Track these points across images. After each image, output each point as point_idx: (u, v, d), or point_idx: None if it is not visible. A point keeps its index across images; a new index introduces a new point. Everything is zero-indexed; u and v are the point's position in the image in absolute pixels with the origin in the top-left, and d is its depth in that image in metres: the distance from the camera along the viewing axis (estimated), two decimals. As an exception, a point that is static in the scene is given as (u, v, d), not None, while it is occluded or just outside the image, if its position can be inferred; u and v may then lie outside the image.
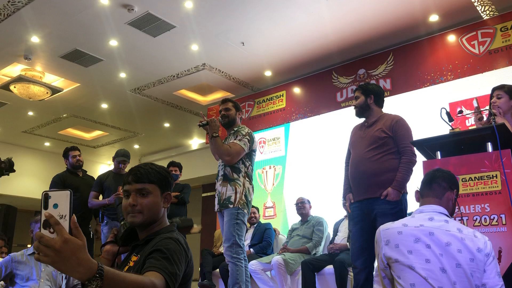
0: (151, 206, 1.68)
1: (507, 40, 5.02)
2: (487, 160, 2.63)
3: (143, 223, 1.69)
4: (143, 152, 11.03)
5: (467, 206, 2.62)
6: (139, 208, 1.67)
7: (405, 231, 1.94)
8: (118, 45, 6.08)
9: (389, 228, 1.99)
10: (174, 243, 1.58)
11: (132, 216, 1.67)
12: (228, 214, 3.53)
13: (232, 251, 3.45)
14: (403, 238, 1.93)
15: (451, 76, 5.38)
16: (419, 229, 1.93)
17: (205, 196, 10.90)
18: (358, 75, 6.23)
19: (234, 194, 3.55)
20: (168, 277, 1.44)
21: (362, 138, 3.44)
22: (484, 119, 3.15)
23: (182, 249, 1.59)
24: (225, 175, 3.64)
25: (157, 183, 1.71)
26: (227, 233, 3.49)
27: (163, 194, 1.74)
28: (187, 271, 1.60)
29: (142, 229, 1.72)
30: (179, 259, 1.54)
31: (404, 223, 2.00)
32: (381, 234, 2.00)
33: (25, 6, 5.15)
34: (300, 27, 5.67)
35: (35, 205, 10.57)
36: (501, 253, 2.44)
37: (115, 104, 8.18)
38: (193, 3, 5.16)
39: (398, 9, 5.28)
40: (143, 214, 1.67)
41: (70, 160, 5.10)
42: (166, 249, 1.53)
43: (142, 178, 1.69)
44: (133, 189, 1.69)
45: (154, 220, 1.71)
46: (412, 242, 1.90)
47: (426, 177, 2.19)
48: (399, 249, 1.90)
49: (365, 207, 3.28)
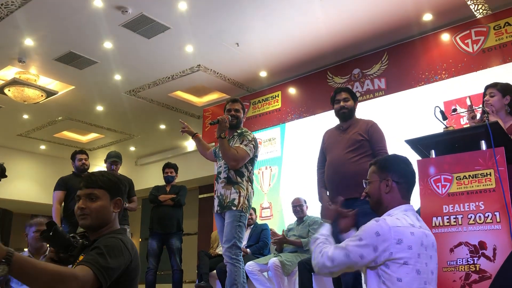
0: (99, 209, 1.81)
1: (500, 38, 5.04)
2: (481, 158, 2.63)
3: (91, 226, 1.81)
4: (139, 154, 11.01)
5: (462, 204, 2.62)
6: (87, 211, 1.80)
7: (416, 233, 1.86)
8: (112, 47, 6.07)
9: (399, 226, 1.85)
10: (114, 240, 1.70)
11: (82, 218, 1.81)
12: (231, 216, 3.49)
13: (232, 252, 3.43)
14: (415, 240, 1.85)
15: (445, 75, 5.40)
16: (421, 230, 1.91)
17: (201, 198, 10.89)
18: (353, 74, 6.24)
19: (238, 197, 3.52)
20: (97, 271, 1.52)
21: (339, 141, 3.51)
22: (477, 118, 3.17)
23: (122, 246, 1.69)
24: (229, 178, 3.59)
25: (106, 189, 1.84)
26: (228, 234, 3.46)
27: (113, 200, 1.86)
28: (130, 268, 1.70)
29: (92, 231, 1.83)
30: (116, 254, 1.64)
31: (410, 223, 1.90)
32: (391, 231, 1.83)
33: (19, 9, 5.14)
34: (294, 28, 5.68)
35: (32, 209, 10.54)
36: (496, 250, 2.44)
37: (110, 106, 8.17)
38: (187, 4, 5.16)
39: (391, 9, 5.29)
40: (91, 217, 1.80)
41: (76, 163, 5.18)
42: (103, 246, 1.64)
43: (92, 183, 1.83)
44: (83, 193, 1.83)
45: (103, 223, 1.83)
46: (420, 245, 1.87)
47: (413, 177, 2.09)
48: (412, 251, 1.83)
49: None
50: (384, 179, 2.05)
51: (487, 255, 2.47)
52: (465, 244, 2.51)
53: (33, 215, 8.31)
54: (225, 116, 3.61)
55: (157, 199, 5.53)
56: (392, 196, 2.02)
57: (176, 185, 5.77)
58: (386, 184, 2.03)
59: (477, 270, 2.47)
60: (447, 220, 2.64)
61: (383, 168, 2.09)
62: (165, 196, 5.54)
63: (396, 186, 2.02)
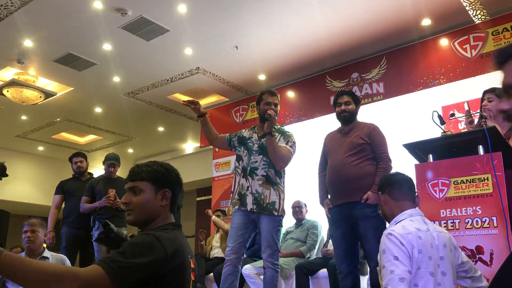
0: (142, 203, 1.68)
1: (499, 44, 5.06)
2: (478, 163, 2.64)
3: (136, 221, 1.70)
4: (137, 156, 11.00)
5: (459, 209, 2.63)
6: (131, 206, 1.69)
7: (424, 236, 1.90)
8: (111, 49, 6.07)
9: (408, 233, 1.90)
10: (145, 237, 1.52)
11: (127, 214, 1.70)
12: (272, 221, 3.33)
13: (274, 258, 3.32)
14: (423, 243, 1.89)
15: (444, 79, 5.42)
16: (428, 233, 1.93)
17: (199, 200, 10.88)
18: (352, 78, 6.25)
19: (279, 200, 3.37)
20: (111, 270, 1.37)
21: (340, 144, 3.50)
22: (475, 122, 3.18)
23: (154, 243, 1.49)
24: (268, 177, 3.38)
25: (149, 181, 1.70)
26: (270, 241, 3.31)
27: (160, 191, 1.71)
28: (165, 267, 1.49)
29: (140, 227, 1.72)
30: (141, 253, 1.45)
31: (417, 227, 1.94)
32: (405, 239, 1.87)
33: (18, 10, 5.14)
34: (293, 31, 5.69)
35: (29, 210, 10.51)
36: (493, 255, 2.45)
37: (109, 108, 8.17)
38: (186, 7, 5.17)
39: (390, 13, 5.31)
40: (135, 212, 1.69)
41: (72, 166, 5.25)
42: (129, 243, 1.48)
43: (134, 176, 1.72)
44: (127, 187, 1.72)
45: (150, 218, 1.70)
46: (430, 247, 1.88)
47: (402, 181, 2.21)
48: (422, 255, 1.86)
49: (345, 211, 3.32)
50: (380, 196, 2.23)
51: (484, 259, 2.47)
52: (462, 248, 2.52)
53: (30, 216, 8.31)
54: (272, 112, 3.41)
55: (155, 202, 5.51)
56: (390, 206, 2.09)
57: (173, 188, 5.77)
58: (382, 199, 2.20)
59: (474, 275, 2.47)
60: (444, 224, 2.64)
61: (378, 189, 2.29)
62: (162, 199, 5.52)
63: (389, 197, 2.17)
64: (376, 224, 3.19)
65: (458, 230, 2.59)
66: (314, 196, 3.79)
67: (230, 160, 7.36)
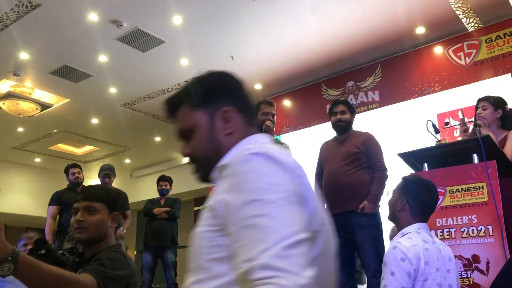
0: (97, 223, 1.77)
1: (492, 51, 5.10)
2: (473, 172, 2.65)
3: (88, 240, 1.76)
4: (134, 167, 10.99)
5: (455, 218, 2.63)
6: (85, 224, 1.75)
7: (430, 248, 1.91)
8: (107, 60, 6.08)
9: (415, 245, 1.90)
10: (115, 254, 1.70)
11: (79, 232, 1.76)
12: None
13: None
14: (430, 255, 1.89)
15: (439, 87, 5.44)
16: (435, 246, 1.93)
17: (197, 210, 10.84)
18: (347, 87, 6.28)
19: None
20: (99, 279, 1.51)
21: (336, 153, 3.50)
22: (469, 131, 3.19)
23: (123, 261, 1.69)
24: None
25: (105, 203, 1.81)
26: None
27: (111, 214, 1.82)
28: (131, 283, 1.67)
29: (88, 246, 1.79)
30: (116, 266, 1.62)
31: (423, 239, 1.95)
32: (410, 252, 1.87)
33: (14, 23, 5.15)
34: (288, 41, 5.71)
35: (26, 222, 10.45)
36: (489, 264, 2.45)
37: (106, 119, 8.16)
38: (181, 18, 5.19)
39: (385, 22, 5.34)
40: (88, 231, 1.75)
41: (69, 177, 5.23)
42: (105, 258, 1.63)
43: (91, 196, 1.80)
44: (81, 206, 1.78)
45: (100, 238, 1.79)
46: (436, 259, 1.89)
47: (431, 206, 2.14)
48: (430, 266, 1.86)
49: (342, 221, 3.31)
50: (400, 198, 2.13)
51: (481, 268, 2.47)
52: (458, 257, 2.52)
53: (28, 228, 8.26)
54: (270, 124, 3.36)
55: (152, 213, 5.51)
56: (403, 215, 2.08)
57: (170, 198, 5.76)
58: (400, 203, 2.11)
59: (471, 284, 2.47)
60: (440, 233, 2.64)
61: (402, 187, 2.17)
62: (159, 209, 5.52)
63: (408, 208, 2.09)
64: (373, 233, 3.19)
65: (454, 239, 2.59)
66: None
67: (227, 169, 7.34)
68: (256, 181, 0.83)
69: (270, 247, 0.73)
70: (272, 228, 0.75)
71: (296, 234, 0.76)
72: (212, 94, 1.12)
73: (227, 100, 1.12)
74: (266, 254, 0.72)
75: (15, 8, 4.90)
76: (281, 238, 0.74)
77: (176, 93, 1.16)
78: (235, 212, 0.81)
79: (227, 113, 1.09)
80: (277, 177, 0.84)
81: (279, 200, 0.79)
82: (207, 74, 1.19)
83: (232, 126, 1.08)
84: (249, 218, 0.78)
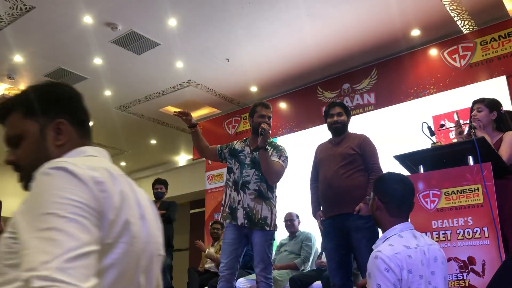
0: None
1: (487, 53, 5.11)
2: (468, 174, 2.65)
3: None
4: (130, 170, 10.95)
5: (450, 220, 2.63)
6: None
7: (413, 255, 1.86)
8: (102, 63, 6.07)
9: (397, 253, 1.85)
10: None
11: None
12: (263, 235, 3.31)
13: (267, 272, 3.29)
14: (413, 262, 1.85)
15: (434, 89, 5.45)
16: (418, 249, 1.90)
17: (193, 213, 10.82)
18: (343, 89, 6.28)
19: (270, 215, 3.34)
20: None
21: (331, 155, 3.48)
22: (465, 133, 3.19)
23: None
24: (260, 191, 3.34)
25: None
26: (263, 255, 3.30)
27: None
28: None
29: None
30: None
31: (405, 245, 1.89)
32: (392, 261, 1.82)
33: (8, 25, 5.13)
34: (284, 43, 5.72)
35: (20, 225, 10.39)
36: (485, 266, 2.45)
37: (101, 122, 8.13)
38: (177, 20, 5.18)
39: (380, 24, 5.35)
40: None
41: None
42: None
43: None
44: None
45: None
46: (420, 265, 1.86)
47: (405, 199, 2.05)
48: (413, 274, 1.83)
49: (338, 223, 3.30)
50: (373, 198, 2.10)
51: (476, 270, 2.47)
52: (454, 259, 2.52)
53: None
54: (266, 126, 3.34)
55: (147, 216, 5.47)
56: (381, 215, 2.04)
57: (166, 201, 5.74)
58: (375, 203, 2.08)
59: (466, 286, 2.47)
60: (436, 235, 2.64)
61: (373, 187, 2.14)
62: (155, 212, 5.49)
63: (382, 205, 2.03)
64: (369, 235, 3.18)
65: (449, 241, 2.59)
66: (306, 207, 3.77)
67: (223, 172, 7.34)
68: (50, 195, 0.86)
69: (52, 260, 0.78)
70: (58, 242, 0.80)
71: (81, 247, 0.81)
72: (46, 104, 1.11)
73: (61, 113, 1.12)
74: (46, 266, 0.77)
75: (9, 10, 4.88)
76: (64, 252, 0.79)
77: (9, 98, 1.17)
78: (26, 223, 0.85)
79: (60, 125, 1.10)
80: (72, 192, 0.88)
81: (70, 215, 0.84)
82: (45, 84, 1.17)
83: (64, 138, 1.11)
84: (38, 231, 0.82)
